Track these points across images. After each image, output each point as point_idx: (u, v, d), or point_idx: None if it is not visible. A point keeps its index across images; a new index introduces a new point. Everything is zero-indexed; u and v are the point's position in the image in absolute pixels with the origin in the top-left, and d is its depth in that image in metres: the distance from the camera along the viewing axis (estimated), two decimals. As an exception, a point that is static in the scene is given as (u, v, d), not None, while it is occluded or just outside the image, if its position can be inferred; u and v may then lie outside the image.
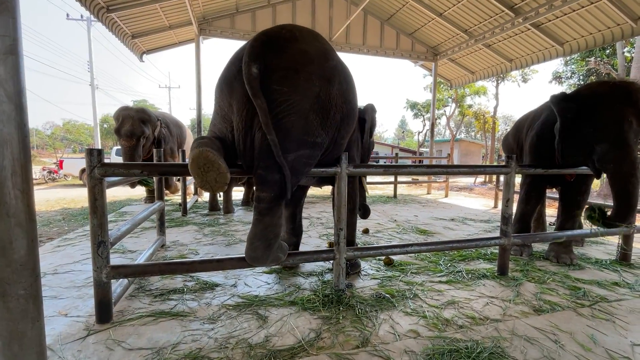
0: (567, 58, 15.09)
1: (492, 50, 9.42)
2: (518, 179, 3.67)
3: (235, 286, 2.52)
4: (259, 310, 2.14)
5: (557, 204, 3.71)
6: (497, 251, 2.92)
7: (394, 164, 2.57)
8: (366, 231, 4.36)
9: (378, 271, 2.89)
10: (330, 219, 5.12)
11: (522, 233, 3.33)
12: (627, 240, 3.23)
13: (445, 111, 22.53)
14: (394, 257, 3.12)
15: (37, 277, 1.24)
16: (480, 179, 15.13)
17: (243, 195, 6.53)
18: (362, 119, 2.92)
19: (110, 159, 11.97)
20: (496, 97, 18.71)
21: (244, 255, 1.99)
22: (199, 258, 3.15)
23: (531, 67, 16.16)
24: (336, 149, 2.24)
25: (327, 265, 2.97)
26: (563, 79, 16.47)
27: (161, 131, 5.92)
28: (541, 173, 2.90)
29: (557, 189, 3.50)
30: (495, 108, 18.84)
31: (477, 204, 7.62)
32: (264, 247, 1.91)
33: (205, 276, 2.65)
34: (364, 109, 2.97)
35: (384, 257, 3.07)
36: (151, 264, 2.16)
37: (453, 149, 19.14)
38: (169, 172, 2.38)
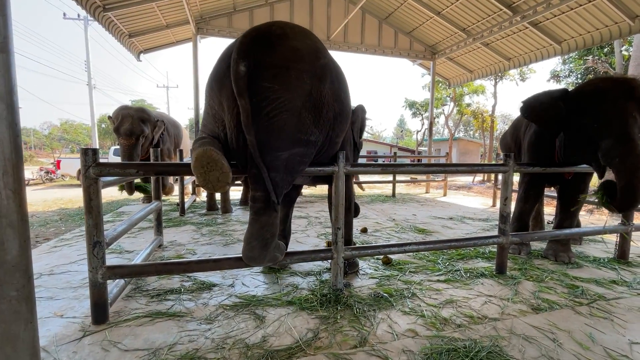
0: (565, 57, 15.12)
1: (490, 49, 9.42)
2: (516, 178, 3.67)
3: (233, 286, 2.51)
4: (256, 310, 2.13)
5: (555, 202, 3.71)
6: (496, 250, 2.92)
7: (392, 163, 2.55)
8: (364, 230, 4.36)
9: (376, 270, 2.88)
10: (328, 219, 5.12)
11: (521, 232, 3.34)
12: (625, 239, 3.24)
13: (443, 110, 22.58)
14: (392, 256, 3.12)
15: (29, 279, 1.22)
16: (479, 177, 15.14)
17: (241, 194, 6.52)
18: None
19: (108, 158, 11.93)
20: (494, 95, 18.76)
21: (241, 255, 1.98)
22: (196, 258, 3.14)
23: (529, 66, 16.20)
24: (331, 148, 2.23)
25: (325, 265, 2.97)
26: (561, 77, 16.51)
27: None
28: (539, 171, 2.89)
29: (556, 187, 3.50)
30: (494, 107, 18.89)
31: (475, 203, 7.63)
32: (261, 247, 1.90)
33: (202, 276, 2.64)
34: (354, 109, 2.94)
35: (382, 256, 3.07)
36: (148, 264, 2.15)
37: (451, 147, 19.14)
38: (166, 172, 2.36)
